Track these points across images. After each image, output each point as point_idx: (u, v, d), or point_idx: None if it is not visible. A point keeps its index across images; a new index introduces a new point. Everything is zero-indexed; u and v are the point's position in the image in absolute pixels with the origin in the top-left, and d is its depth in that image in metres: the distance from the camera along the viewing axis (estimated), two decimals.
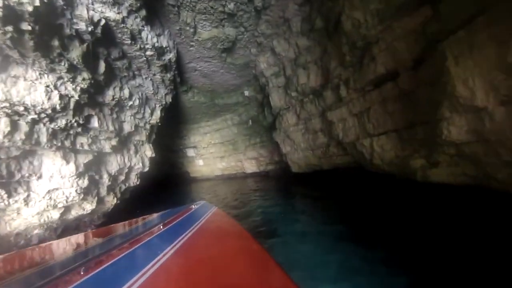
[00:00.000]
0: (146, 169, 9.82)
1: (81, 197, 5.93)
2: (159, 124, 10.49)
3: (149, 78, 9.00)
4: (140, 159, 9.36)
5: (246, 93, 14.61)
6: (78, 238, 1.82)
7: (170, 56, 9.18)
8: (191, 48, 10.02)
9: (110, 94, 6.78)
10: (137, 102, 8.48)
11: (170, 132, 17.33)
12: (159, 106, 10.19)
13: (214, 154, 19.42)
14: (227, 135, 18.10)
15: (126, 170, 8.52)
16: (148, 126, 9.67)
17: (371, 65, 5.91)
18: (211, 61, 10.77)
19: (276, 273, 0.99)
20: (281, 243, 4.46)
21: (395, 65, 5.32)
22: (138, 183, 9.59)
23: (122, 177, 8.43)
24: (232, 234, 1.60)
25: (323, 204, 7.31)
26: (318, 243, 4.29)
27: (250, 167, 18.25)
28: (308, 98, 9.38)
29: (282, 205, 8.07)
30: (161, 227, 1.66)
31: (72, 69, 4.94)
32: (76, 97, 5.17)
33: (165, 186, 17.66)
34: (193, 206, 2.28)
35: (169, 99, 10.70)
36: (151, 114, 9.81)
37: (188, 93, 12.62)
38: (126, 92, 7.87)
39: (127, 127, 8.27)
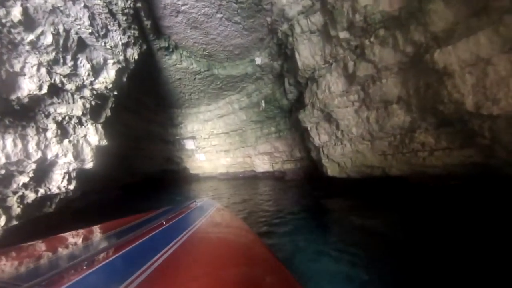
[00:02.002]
0: (89, 164, 6.03)
1: None
2: (116, 94, 6.63)
3: (82, 2, 5.11)
4: (73, 148, 5.54)
5: (258, 60, 10.44)
6: (81, 232, 1.70)
7: None
8: None
9: None
10: (50, 40, 4.62)
11: (160, 118, 13.60)
12: (113, 62, 6.30)
13: (217, 147, 15.54)
14: (232, 123, 14.12)
15: (34, 165, 4.73)
16: (87, 93, 5.81)
17: None
18: None
19: (279, 270, 1.07)
20: None
21: None
22: (72, 187, 5.81)
23: (22, 178, 4.65)
24: (235, 230, 1.66)
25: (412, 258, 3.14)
26: None
27: (262, 164, 14.18)
28: (375, 37, 5.05)
29: (318, 245, 3.94)
30: (164, 223, 1.64)
31: None
32: None
33: (154, 186, 14.04)
34: (195, 203, 2.25)
35: (132, 54, 6.78)
36: (95, 72, 5.95)
37: (173, 55, 8.68)
38: (16, 12, 4.06)
39: (29, 85, 4.46)
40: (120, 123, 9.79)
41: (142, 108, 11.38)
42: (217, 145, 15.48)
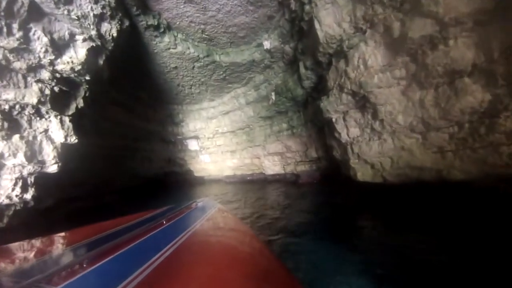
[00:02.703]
0: (52, 168, 4.76)
1: None
2: (90, 80, 5.36)
3: None
4: (25, 147, 4.26)
5: (266, 44, 9.00)
6: (81, 230, 1.69)
7: None
8: None
9: None
10: None
11: (159, 115, 12.37)
12: (83, 39, 5.02)
13: (223, 148, 14.14)
14: (239, 120, 12.68)
15: None
16: (46, 75, 4.52)
17: None
18: None
19: (279, 270, 1.09)
20: None
21: None
22: (29, 196, 4.55)
23: None
24: (235, 231, 1.66)
25: None
26: None
27: (272, 166, 12.69)
28: None
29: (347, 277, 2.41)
30: (164, 222, 1.64)
31: None
32: None
33: (154, 190, 12.82)
34: (196, 203, 2.25)
35: (110, 30, 5.48)
36: (57, 49, 4.67)
37: (165, 37, 7.35)
38: None
39: None
40: (111, 120, 8.56)
41: (137, 103, 10.15)
42: (222, 145, 14.08)
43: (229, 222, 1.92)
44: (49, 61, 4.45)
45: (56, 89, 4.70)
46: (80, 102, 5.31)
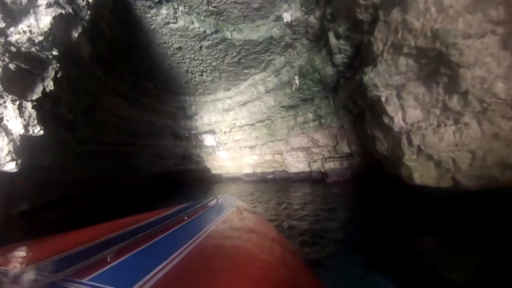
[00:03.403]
0: (8, 165, 3.76)
1: None
2: (60, 56, 4.31)
3: None
4: None
5: (287, 16, 7.45)
6: (104, 226, 1.71)
7: None
8: None
9: None
10: None
11: (168, 107, 11.42)
12: (47, 4, 3.95)
13: (241, 143, 12.84)
14: (258, 111, 11.25)
15: None
16: None
17: None
18: None
19: (303, 271, 1.07)
20: None
21: None
22: None
23: None
24: (257, 227, 1.64)
25: None
26: None
27: (296, 163, 11.08)
28: None
29: None
30: (186, 218, 1.66)
31: None
32: None
33: (163, 190, 12.02)
34: (216, 199, 2.24)
35: None
36: (10, 15, 3.63)
37: (162, 9, 6.15)
38: None
39: None
40: (109, 113, 7.69)
41: (140, 94, 9.21)
42: (240, 139, 12.77)
43: (251, 218, 1.89)
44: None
45: (11, 66, 3.70)
46: (50, 85, 4.29)
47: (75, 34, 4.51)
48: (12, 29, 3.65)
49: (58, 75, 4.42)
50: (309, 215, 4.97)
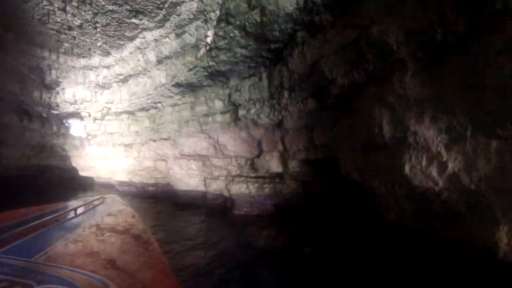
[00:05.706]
0: None
1: None
2: None
3: None
4: None
5: None
6: None
7: None
8: None
9: None
10: None
11: (12, 62, 7.09)
12: None
13: (116, 138, 9.05)
14: (142, 92, 7.92)
15: None
16: None
17: None
18: None
19: (163, 266, 1.15)
20: None
21: None
22: None
23: None
24: (129, 229, 1.70)
25: None
26: None
27: (185, 177, 7.82)
28: None
29: None
30: (66, 215, 1.70)
31: None
32: None
33: None
34: (102, 199, 2.30)
35: None
36: None
37: None
38: None
39: None
40: None
41: None
42: (115, 133, 8.97)
43: (127, 217, 1.97)
44: None
45: None
46: None
47: None
48: None
49: None
50: None
